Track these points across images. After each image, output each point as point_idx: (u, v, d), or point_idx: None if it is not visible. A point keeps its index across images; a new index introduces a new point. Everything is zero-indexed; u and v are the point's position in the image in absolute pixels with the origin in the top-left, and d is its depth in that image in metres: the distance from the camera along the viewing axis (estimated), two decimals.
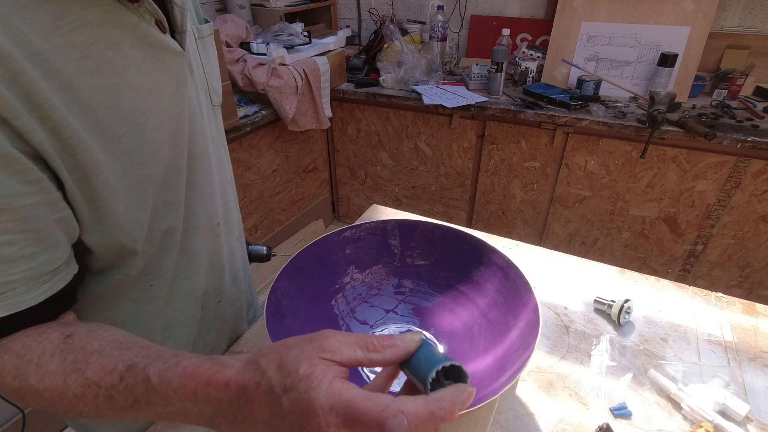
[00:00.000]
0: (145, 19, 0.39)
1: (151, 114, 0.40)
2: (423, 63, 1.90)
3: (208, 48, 0.53)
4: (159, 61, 0.41)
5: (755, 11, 1.66)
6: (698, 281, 1.69)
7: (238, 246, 0.67)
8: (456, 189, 1.98)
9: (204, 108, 0.51)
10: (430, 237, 0.66)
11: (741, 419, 0.51)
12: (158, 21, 0.40)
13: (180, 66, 0.43)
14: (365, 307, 0.65)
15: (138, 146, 0.40)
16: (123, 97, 0.38)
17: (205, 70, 0.52)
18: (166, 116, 0.42)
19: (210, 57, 0.54)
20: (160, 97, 0.41)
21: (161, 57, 0.41)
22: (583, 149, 1.62)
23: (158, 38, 0.40)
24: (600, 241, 1.78)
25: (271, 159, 1.84)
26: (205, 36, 0.52)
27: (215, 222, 0.56)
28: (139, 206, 0.42)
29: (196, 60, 0.49)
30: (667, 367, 0.59)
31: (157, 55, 0.40)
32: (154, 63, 0.40)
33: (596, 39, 1.75)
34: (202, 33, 0.51)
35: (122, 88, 0.37)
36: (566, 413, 0.54)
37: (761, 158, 1.40)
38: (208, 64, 0.53)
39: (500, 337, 0.54)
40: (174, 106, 0.43)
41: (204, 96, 0.52)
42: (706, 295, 0.72)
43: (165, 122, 0.42)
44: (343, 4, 2.32)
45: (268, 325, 0.48)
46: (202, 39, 0.51)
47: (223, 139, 0.60)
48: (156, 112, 0.41)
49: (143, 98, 0.39)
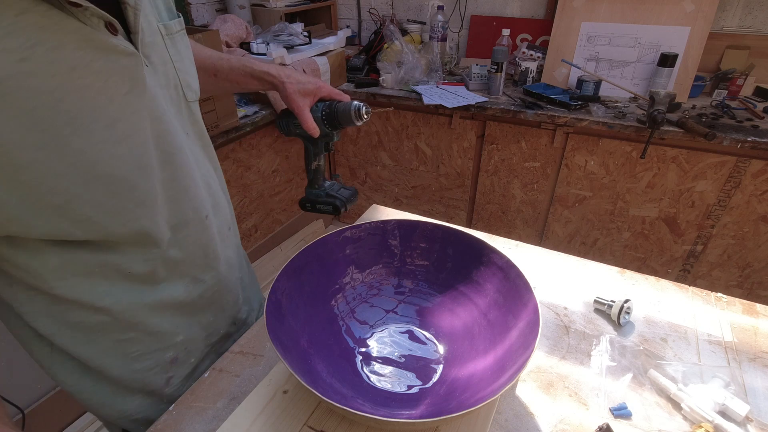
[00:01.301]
0: (91, 22, 0.39)
1: (101, 113, 0.41)
2: (423, 63, 1.90)
3: (178, 44, 0.53)
4: (110, 62, 0.41)
5: (755, 11, 1.66)
6: (698, 281, 1.69)
7: (231, 234, 0.68)
8: (456, 189, 1.98)
9: (173, 105, 0.52)
10: (430, 237, 0.66)
11: (741, 419, 0.51)
12: (108, 23, 0.41)
13: (134, 66, 0.44)
14: (365, 307, 0.65)
15: (87, 145, 0.41)
16: (67, 99, 0.38)
17: (175, 67, 0.52)
18: (120, 115, 0.43)
19: (181, 53, 0.54)
20: (111, 97, 0.42)
21: (111, 58, 0.41)
22: (583, 149, 1.63)
23: (105, 41, 0.40)
24: (600, 241, 1.78)
25: (271, 159, 1.84)
26: (174, 32, 0.53)
27: (203, 215, 0.57)
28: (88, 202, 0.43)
29: (162, 57, 0.50)
30: (667, 368, 0.59)
31: (106, 57, 0.41)
32: (104, 64, 0.41)
33: (596, 39, 1.75)
34: (170, 30, 0.52)
35: (67, 89, 0.38)
36: (566, 413, 0.54)
37: (761, 158, 1.40)
38: (179, 60, 0.53)
39: (500, 337, 0.54)
40: (128, 106, 0.44)
41: (174, 92, 0.52)
42: (706, 296, 0.72)
43: (118, 121, 0.43)
44: (343, 4, 2.32)
45: (268, 326, 0.48)
46: (170, 36, 0.52)
47: (201, 134, 0.60)
48: (108, 112, 0.42)
49: (91, 99, 0.40)
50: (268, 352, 0.63)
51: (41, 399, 1.37)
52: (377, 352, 0.60)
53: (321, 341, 0.57)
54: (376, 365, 0.58)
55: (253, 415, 0.52)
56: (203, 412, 0.55)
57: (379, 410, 0.50)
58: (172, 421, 0.53)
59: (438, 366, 0.58)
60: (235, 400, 0.55)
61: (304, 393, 0.54)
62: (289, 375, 0.56)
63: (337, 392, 0.51)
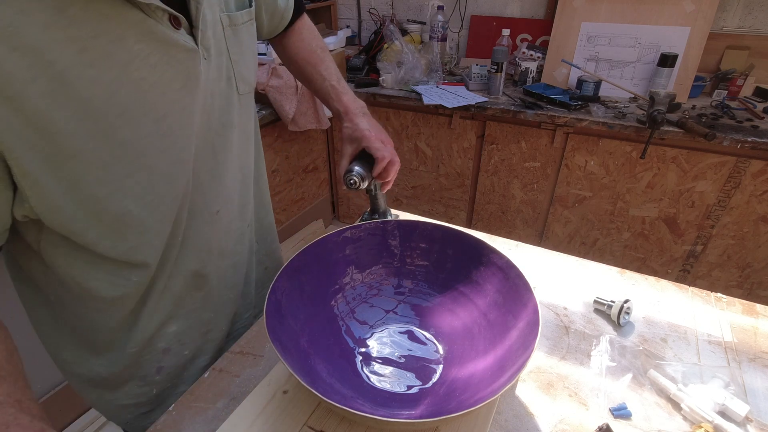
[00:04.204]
0: (156, 15, 0.39)
1: (152, 107, 0.41)
2: (423, 63, 1.90)
3: (241, 35, 0.52)
4: (167, 56, 0.41)
5: (755, 12, 1.66)
6: (698, 281, 1.69)
7: (248, 231, 0.67)
8: (456, 189, 1.98)
9: (224, 98, 0.51)
10: (430, 237, 0.66)
11: (741, 420, 0.51)
12: (172, 16, 0.41)
13: (191, 62, 0.44)
14: (365, 307, 0.65)
15: (135, 137, 0.41)
16: (121, 91, 0.39)
17: (231, 59, 0.51)
18: (170, 110, 0.43)
19: (243, 44, 0.53)
20: (164, 91, 0.42)
21: (170, 53, 0.41)
22: (583, 149, 1.63)
23: (167, 35, 0.40)
24: (600, 241, 1.78)
25: (271, 159, 1.84)
26: (239, 24, 0.52)
27: (213, 209, 0.56)
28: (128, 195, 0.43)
29: (219, 49, 0.49)
30: (667, 368, 0.59)
31: (166, 51, 0.41)
32: (161, 58, 0.41)
33: (596, 39, 1.75)
34: (234, 21, 0.51)
35: (122, 81, 0.39)
36: (566, 414, 0.54)
37: (761, 159, 1.40)
38: (238, 52, 0.52)
39: (500, 337, 0.54)
40: (179, 101, 0.44)
41: (226, 85, 0.51)
42: (706, 296, 0.72)
43: (167, 116, 0.43)
44: (343, 4, 2.32)
45: (268, 326, 0.48)
46: (233, 27, 0.51)
47: (249, 127, 0.60)
48: (159, 106, 0.42)
49: (145, 92, 0.40)
50: (268, 352, 0.63)
51: (41, 399, 1.37)
52: (377, 352, 0.60)
53: (321, 341, 0.57)
54: (376, 365, 0.58)
55: (252, 416, 0.52)
56: (203, 412, 0.55)
57: (378, 410, 0.50)
58: (172, 422, 0.53)
59: (438, 366, 0.58)
60: (235, 400, 0.55)
61: (304, 393, 0.54)
62: (288, 375, 0.56)
63: (337, 392, 0.51)
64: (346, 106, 0.66)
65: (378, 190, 0.74)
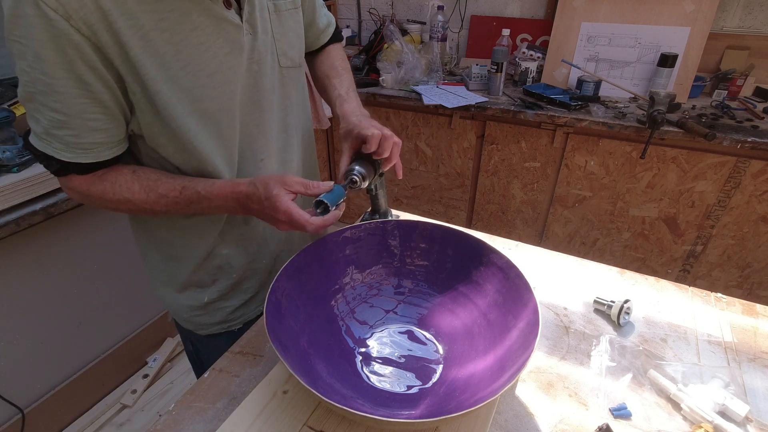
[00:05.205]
0: None
1: (206, 65, 0.55)
2: (423, 63, 1.90)
3: (285, 19, 0.66)
4: (219, 28, 0.55)
5: (755, 12, 1.66)
6: (698, 282, 1.69)
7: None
8: (456, 189, 1.98)
9: (268, 67, 0.64)
10: (430, 237, 0.66)
11: (740, 420, 0.51)
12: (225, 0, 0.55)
13: (237, 34, 0.57)
14: (365, 307, 0.65)
15: (192, 86, 0.55)
16: (185, 51, 0.53)
17: (275, 38, 0.65)
18: (219, 68, 0.57)
19: (286, 27, 0.66)
20: (215, 53, 0.56)
21: (221, 26, 0.55)
22: (583, 149, 1.63)
23: (220, 12, 0.55)
24: (600, 241, 1.78)
25: None
26: (283, 10, 0.65)
27: (258, 157, 0.67)
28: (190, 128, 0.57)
29: (265, 28, 0.62)
30: (667, 368, 0.59)
31: (218, 24, 0.55)
32: (215, 29, 0.55)
33: (596, 39, 1.75)
34: (279, 8, 0.65)
35: (186, 44, 0.53)
36: (566, 414, 0.54)
37: (761, 159, 1.40)
38: (281, 33, 0.66)
39: (500, 337, 0.54)
40: (226, 63, 0.57)
41: (270, 58, 0.64)
42: (706, 296, 0.72)
43: (217, 72, 0.57)
44: (343, 4, 2.32)
45: (268, 326, 0.48)
46: (278, 12, 0.64)
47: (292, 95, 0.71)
48: (211, 65, 0.56)
49: (202, 53, 0.54)
50: (268, 353, 0.63)
51: (41, 399, 1.37)
52: (377, 352, 0.60)
53: (321, 341, 0.57)
54: (376, 365, 0.58)
55: (253, 416, 0.52)
56: (203, 412, 0.55)
57: (378, 410, 0.50)
58: (172, 421, 0.53)
59: (438, 366, 0.58)
60: (235, 400, 0.55)
61: (304, 393, 0.54)
62: (289, 375, 0.56)
63: (337, 392, 0.51)
64: (344, 111, 0.72)
65: (379, 189, 0.74)
